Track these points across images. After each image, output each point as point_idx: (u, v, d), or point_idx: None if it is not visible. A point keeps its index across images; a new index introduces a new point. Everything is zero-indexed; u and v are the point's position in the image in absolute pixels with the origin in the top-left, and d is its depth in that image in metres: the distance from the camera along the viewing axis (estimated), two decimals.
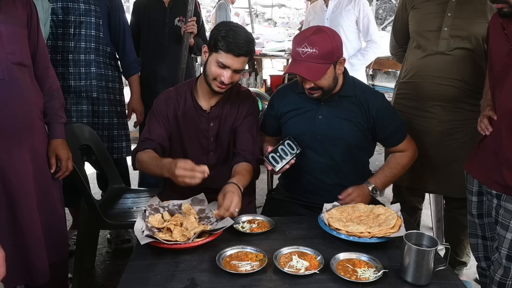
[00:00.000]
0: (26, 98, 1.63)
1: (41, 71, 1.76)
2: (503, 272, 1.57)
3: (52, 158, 1.77)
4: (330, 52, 1.65)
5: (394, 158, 1.88)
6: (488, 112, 1.66)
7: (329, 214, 1.57)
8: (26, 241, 1.67)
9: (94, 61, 2.37)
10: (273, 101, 1.95)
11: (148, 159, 1.73)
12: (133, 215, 2.21)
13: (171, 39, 2.77)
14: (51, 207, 1.79)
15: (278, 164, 1.68)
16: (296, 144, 1.70)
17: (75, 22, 2.29)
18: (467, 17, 1.97)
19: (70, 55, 2.31)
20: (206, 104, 1.85)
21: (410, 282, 1.27)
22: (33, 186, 1.68)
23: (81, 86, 2.35)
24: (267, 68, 8.22)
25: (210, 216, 1.58)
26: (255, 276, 1.29)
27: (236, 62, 1.69)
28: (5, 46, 1.55)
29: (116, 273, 2.48)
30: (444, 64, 2.01)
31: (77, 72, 2.34)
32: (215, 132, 1.86)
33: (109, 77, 2.47)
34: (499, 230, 1.59)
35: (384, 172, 1.85)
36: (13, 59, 1.58)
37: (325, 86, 1.71)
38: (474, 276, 2.42)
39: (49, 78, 1.80)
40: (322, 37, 1.65)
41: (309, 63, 1.64)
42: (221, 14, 6.69)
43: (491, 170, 1.61)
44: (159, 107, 1.85)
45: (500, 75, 1.58)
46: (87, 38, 2.33)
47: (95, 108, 2.42)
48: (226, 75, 1.70)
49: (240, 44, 1.67)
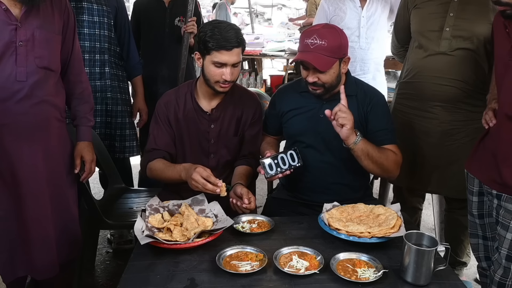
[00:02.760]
0: (42, 99, 1.65)
1: (74, 76, 1.84)
2: (503, 272, 1.57)
3: (77, 159, 1.83)
4: (338, 46, 1.68)
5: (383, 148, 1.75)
6: (493, 105, 1.66)
7: (329, 214, 1.57)
8: (31, 234, 1.69)
9: (108, 61, 2.39)
10: (275, 100, 1.96)
11: (163, 166, 1.77)
12: (133, 215, 2.22)
13: (171, 39, 2.77)
14: (64, 206, 1.81)
15: (271, 171, 1.67)
16: (299, 157, 1.70)
17: (88, 22, 2.31)
18: (469, 18, 1.96)
19: (86, 55, 2.33)
20: (207, 106, 1.85)
21: (410, 282, 1.27)
22: (45, 185, 1.70)
23: (96, 86, 2.37)
24: (267, 68, 8.21)
25: (210, 216, 1.58)
26: (255, 276, 1.29)
27: (231, 56, 1.69)
28: (35, 50, 1.60)
29: (116, 273, 2.48)
30: (445, 64, 2.01)
31: (93, 72, 2.36)
32: (216, 134, 1.86)
33: (119, 77, 2.50)
34: (500, 230, 1.59)
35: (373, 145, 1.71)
36: (40, 63, 1.62)
37: (328, 82, 1.72)
38: (474, 276, 2.42)
39: (82, 83, 1.87)
40: (331, 32, 1.70)
41: (317, 54, 1.66)
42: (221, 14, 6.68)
43: (491, 170, 1.61)
44: (160, 112, 1.86)
45: (501, 74, 1.58)
46: (101, 38, 2.35)
47: (109, 107, 2.44)
48: (227, 73, 1.70)
49: (229, 37, 1.67)
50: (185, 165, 1.67)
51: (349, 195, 1.84)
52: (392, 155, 1.76)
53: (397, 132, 1.98)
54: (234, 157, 1.92)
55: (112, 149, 2.48)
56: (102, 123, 2.42)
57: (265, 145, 1.94)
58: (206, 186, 1.56)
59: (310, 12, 6.82)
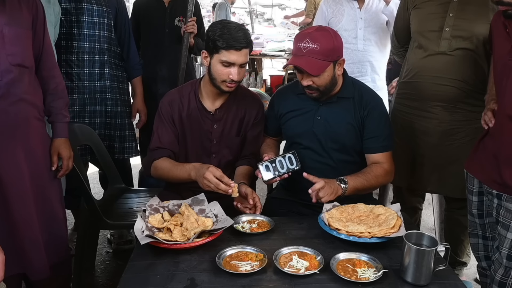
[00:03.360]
0: (21, 98, 1.63)
1: (47, 71, 1.78)
2: (504, 271, 1.57)
3: (54, 156, 1.79)
4: (331, 49, 1.66)
5: (369, 168, 1.80)
6: (492, 106, 1.66)
7: (329, 214, 1.57)
8: (20, 238, 1.68)
9: (107, 62, 2.39)
10: (273, 102, 1.96)
11: (170, 165, 1.76)
12: (133, 215, 2.21)
13: (171, 39, 2.76)
14: (48, 207, 1.79)
15: (269, 175, 1.66)
16: (297, 160, 1.70)
17: (88, 23, 2.31)
18: (469, 18, 1.96)
19: (86, 55, 2.33)
20: (211, 106, 1.85)
21: (410, 282, 1.27)
22: (29, 186, 1.69)
23: (95, 86, 2.38)
24: (267, 68, 8.22)
25: (210, 216, 1.58)
26: (255, 276, 1.29)
27: (240, 56, 1.70)
28: (6, 48, 1.57)
29: (116, 273, 2.48)
30: (445, 64, 2.01)
31: (92, 72, 2.37)
32: (218, 134, 1.86)
33: (119, 78, 2.50)
34: (500, 230, 1.59)
35: (359, 176, 1.76)
36: (13, 60, 1.59)
37: (322, 85, 1.71)
38: (474, 276, 2.42)
39: (55, 78, 1.81)
40: (324, 35, 1.68)
41: (310, 58, 1.65)
42: (221, 14, 6.68)
43: (491, 170, 1.61)
44: (164, 111, 1.85)
45: (501, 74, 1.58)
46: (101, 39, 2.35)
47: (108, 108, 2.44)
48: (234, 72, 1.71)
49: (238, 37, 1.67)
50: (195, 165, 1.67)
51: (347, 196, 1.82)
52: (379, 171, 1.77)
53: (397, 132, 1.98)
54: (235, 157, 1.92)
55: (112, 150, 2.48)
56: (101, 124, 2.43)
57: (265, 147, 1.94)
58: (219, 186, 1.55)
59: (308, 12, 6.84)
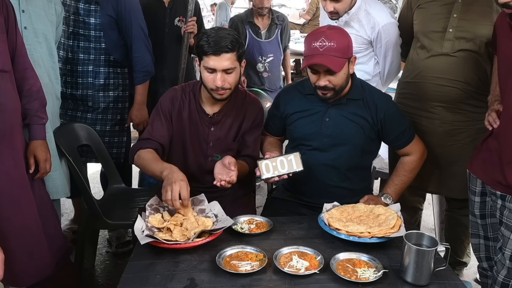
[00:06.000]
0: (5, 106, 1.60)
1: (20, 72, 1.73)
2: (507, 273, 1.57)
3: (30, 159, 1.76)
4: (346, 47, 1.68)
5: (401, 165, 1.89)
6: (496, 106, 1.66)
7: (329, 214, 1.57)
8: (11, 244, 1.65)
9: (102, 73, 2.40)
10: (279, 101, 1.93)
11: (150, 157, 1.72)
12: (133, 215, 2.21)
13: (171, 39, 2.77)
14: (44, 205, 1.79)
15: (268, 174, 1.61)
16: (300, 162, 1.63)
17: (79, 35, 2.33)
18: (472, 19, 1.95)
19: (79, 67, 2.37)
20: (210, 110, 1.84)
21: (410, 282, 1.27)
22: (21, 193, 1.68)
23: (88, 95, 2.41)
24: None
25: (210, 216, 1.58)
26: (255, 276, 1.29)
27: (220, 61, 1.65)
28: None
29: (116, 273, 2.47)
30: (448, 65, 2.00)
31: (85, 82, 2.39)
32: (214, 137, 1.84)
33: (116, 86, 2.48)
34: (503, 231, 1.58)
35: (394, 181, 1.87)
36: None
37: (338, 84, 1.70)
38: (474, 276, 2.42)
39: (28, 79, 1.76)
40: (338, 32, 1.69)
41: (329, 56, 1.64)
42: (221, 14, 6.68)
43: (495, 171, 1.60)
44: (164, 106, 1.83)
45: (506, 75, 1.57)
46: (96, 51, 2.36)
47: (99, 116, 2.46)
48: (217, 78, 1.67)
49: (218, 42, 1.63)
50: (174, 167, 1.59)
51: (351, 198, 1.80)
52: (411, 165, 1.87)
53: None
54: None
55: None
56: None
57: (268, 146, 1.92)
58: (175, 202, 1.48)
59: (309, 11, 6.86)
